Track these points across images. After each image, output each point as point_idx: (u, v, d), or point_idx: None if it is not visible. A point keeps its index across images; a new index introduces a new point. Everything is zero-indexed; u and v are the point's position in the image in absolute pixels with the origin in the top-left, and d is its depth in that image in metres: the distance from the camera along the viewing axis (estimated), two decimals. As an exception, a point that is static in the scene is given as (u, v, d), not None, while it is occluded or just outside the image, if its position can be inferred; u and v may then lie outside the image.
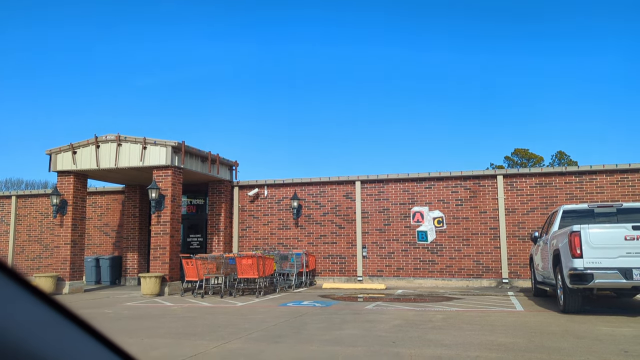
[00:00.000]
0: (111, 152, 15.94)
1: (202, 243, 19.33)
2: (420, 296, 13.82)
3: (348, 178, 17.98)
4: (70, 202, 16.44)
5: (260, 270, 14.12)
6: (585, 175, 16.00)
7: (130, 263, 19.24)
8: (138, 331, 8.51)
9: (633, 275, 8.95)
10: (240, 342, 7.37)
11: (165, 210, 15.52)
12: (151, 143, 15.64)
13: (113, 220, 20.61)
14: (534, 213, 16.19)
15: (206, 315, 10.37)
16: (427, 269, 16.89)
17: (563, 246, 9.74)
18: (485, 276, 16.38)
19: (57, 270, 16.29)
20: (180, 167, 15.94)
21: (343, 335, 7.79)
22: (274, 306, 11.74)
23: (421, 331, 8.00)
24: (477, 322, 8.88)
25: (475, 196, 16.80)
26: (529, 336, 7.48)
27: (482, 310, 10.64)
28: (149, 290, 14.76)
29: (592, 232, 9.27)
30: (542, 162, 49.38)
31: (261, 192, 18.85)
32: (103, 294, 15.85)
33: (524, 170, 16.76)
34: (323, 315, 10.10)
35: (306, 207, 18.32)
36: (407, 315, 9.95)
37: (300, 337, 7.64)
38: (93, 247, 20.57)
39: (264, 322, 9.24)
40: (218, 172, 17.87)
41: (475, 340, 7.18)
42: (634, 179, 15.59)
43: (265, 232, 18.65)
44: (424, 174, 17.30)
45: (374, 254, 17.45)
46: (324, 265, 17.87)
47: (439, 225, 16.97)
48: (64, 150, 16.42)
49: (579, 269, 9.16)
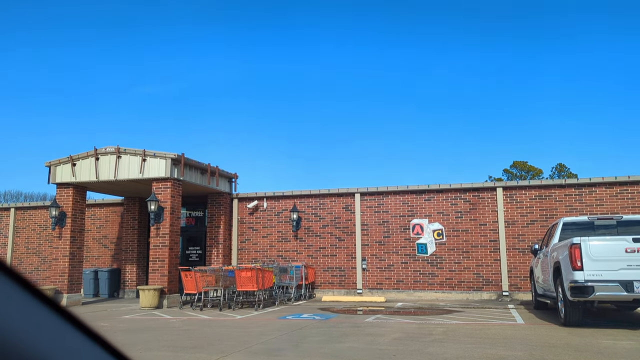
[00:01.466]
0: (110, 164, 15.95)
1: (201, 255, 19.26)
2: (420, 309, 13.75)
3: (347, 190, 17.97)
4: (69, 214, 16.41)
5: (259, 282, 14.06)
6: (585, 187, 16.00)
7: (128, 275, 19.15)
8: (136, 344, 8.45)
9: (634, 287, 8.91)
10: (239, 355, 7.31)
11: (165, 223, 15.49)
12: (151, 155, 15.65)
13: (112, 233, 20.56)
14: (533, 225, 16.16)
15: (205, 328, 10.30)
16: (427, 282, 16.82)
17: (563, 258, 9.71)
18: (485, 289, 16.31)
19: (55, 282, 16.21)
20: (180, 179, 15.94)
21: (343, 348, 7.73)
22: (273, 319, 11.67)
23: (421, 344, 7.94)
24: (478, 335, 8.82)
25: (474, 208, 16.78)
26: (529, 349, 7.43)
27: (482, 323, 10.58)
28: (148, 303, 14.68)
29: (592, 244, 9.25)
30: (541, 174, 49.42)
31: (260, 204, 18.83)
32: (101, 306, 15.76)
33: (524, 183, 16.76)
34: (322, 328, 10.03)
35: (305, 219, 18.29)
36: (407, 328, 9.89)
37: (299, 351, 7.58)
38: (91, 259, 20.49)
39: (263, 335, 9.18)
40: (217, 184, 17.87)
41: (475, 354, 7.13)
42: (634, 191, 15.59)
43: (265, 245, 18.59)
44: (423, 187, 17.30)
45: (373, 267, 17.39)
46: (323, 277, 17.80)
47: (438, 237, 16.93)
48: (63, 162, 16.43)
49: (579, 282, 9.12)
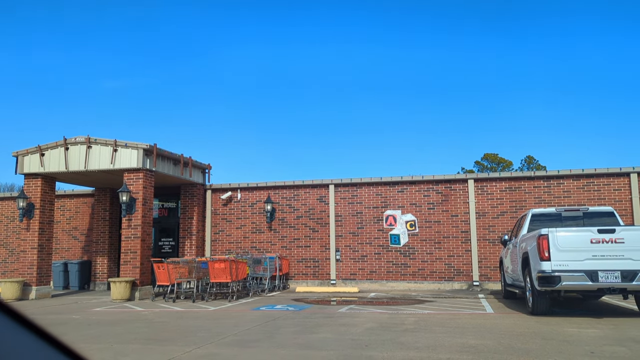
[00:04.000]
0: (81, 154, 15.63)
1: (174, 247, 19.09)
2: (393, 299, 13.92)
3: (322, 182, 18.01)
4: (38, 206, 16.05)
5: (233, 274, 14.01)
6: (553, 179, 16.37)
7: (99, 268, 18.85)
8: (107, 337, 8.35)
9: (599, 277, 9.18)
10: (212, 347, 7.29)
11: (137, 214, 15.28)
12: (122, 145, 15.39)
13: (82, 224, 20.19)
14: (503, 217, 16.48)
15: (178, 320, 10.24)
16: (400, 272, 17.02)
17: (532, 249, 9.93)
18: (456, 279, 16.59)
19: (23, 275, 15.86)
20: (152, 170, 15.73)
21: (316, 339, 7.79)
22: (247, 310, 11.67)
23: (394, 334, 8.05)
24: (448, 325, 8.99)
25: (446, 200, 17.02)
26: (498, 338, 7.60)
27: (453, 312, 10.77)
28: (119, 295, 14.49)
29: (559, 235, 9.49)
30: (511, 166, 50.34)
31: (234, 195, 18.72)
32: (71, 299, 15.49)
33: (494, 175, 17.06)
34: (296, 319, 10.08)
35: (280, 210, 18.27)
36: (380, 318, 10.01)
37: (273, 342, 7.61)
38: (61, 251, 20.11)
39: (237, 326, 9.17)
40: (190, 175, 17.69)
41: (445, 343, 7.26)
42: (600, 184, 16.02)
43: (239, 236, 18.52)
44: (396, 178, 17.46)
45: (347, 258, 17.50)
46: (297, 268, 17.84)
47: (411, 228, 17.13)
48: (31, 152, 16.03)
49: (547, 272, 9.35)
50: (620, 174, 15.90)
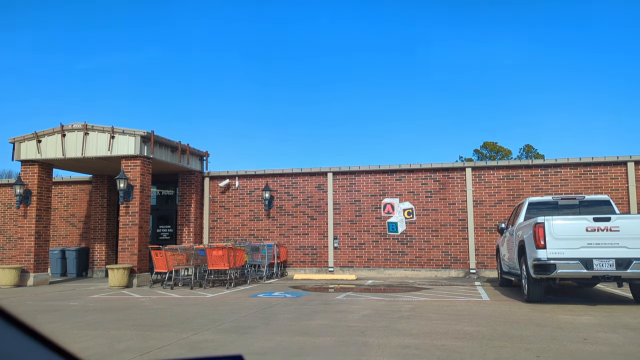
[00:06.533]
0: (78, 141, 15.59)
1: (172, 234, 19.13)
2: (390, 286, 14.00)
3: (320, 169, 18.02)
4: (35, 192, 16.04)
5: (231, 261, 14.07)
6: (551, 168, 16.40)
7: (97, 254, 18.90)
8: (104, 324, 8.40)
9: (593, 265, 9.25)
10: (209, 333, 7.34)
11: (134, 201, 15.29)
12: (119, 132, 15.35)
13: (80, 211, 20.21)
14: (501, 205, 16.53)
15: (175, 307, 10.29)
16: (397, 260, 17.10)
17: (528, 237, 9.98)
18: (453, 267, 16.68)
19: (21, 262, 15.90)
20: (150, 157, 15.71)
21: (313, 325, 7.84)
22: (245, 297, 11.73)
23: (390, 321, 8.11)
24: (444, 312, 9.05)
25: (444, 188, 17.05)
26: (493, 325, 7.67)
27: (449, 300, 10.85)
28: (117, 282, 14.55)
29: (555, 223, 9.53)
30: (509, 155, 50.36)
31: (232, 183, 18.73)
32: (69, 286, 15.55)
33: (492, 163, 17.08)
34: (293, 306, 10.14)
35: (278, 198, 18.30)
36: (376, 305, 10.07)
37: (270, 328, 7.66)
38: (59, 238, 20.14)
39: (234, 313, 9.23)
40: (188, 162, 17.68)
41: (441, 329, 7.32)
42: (596, 172, 16.06)
43: (237, 224, 18.56)
44: (394, 166, 17.47)
45: (345, 245, 17.57)
46: (295, 256, 17.91)
47: (409, 216, 17.18)
48: (28, 139, 15.98)
49: (542, 260, 9.41)
50: (617, 163, 15.93)
